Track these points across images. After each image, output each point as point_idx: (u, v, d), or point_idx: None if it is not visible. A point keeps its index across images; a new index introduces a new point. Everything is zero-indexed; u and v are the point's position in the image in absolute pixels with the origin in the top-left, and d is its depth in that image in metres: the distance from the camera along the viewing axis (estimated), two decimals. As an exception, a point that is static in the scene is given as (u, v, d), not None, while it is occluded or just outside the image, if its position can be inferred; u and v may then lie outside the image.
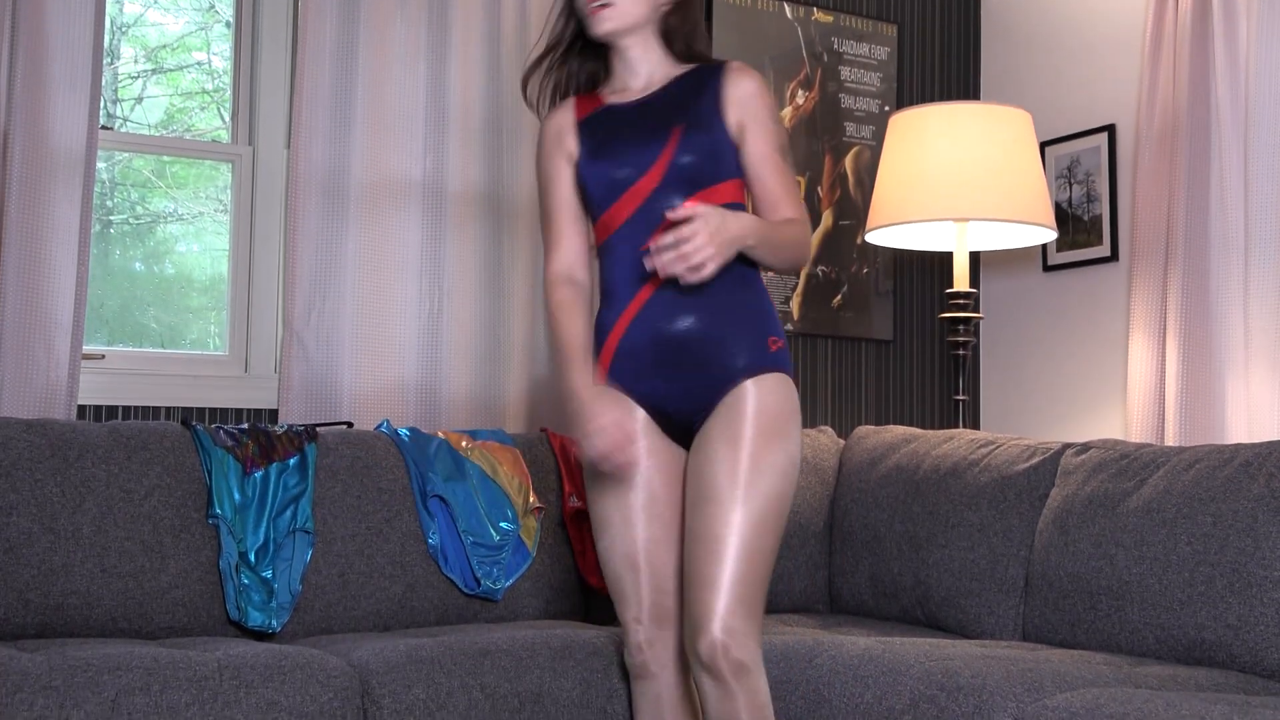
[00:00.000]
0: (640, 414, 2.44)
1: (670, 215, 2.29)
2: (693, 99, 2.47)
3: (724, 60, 2.54)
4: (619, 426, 2.34)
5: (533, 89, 2.60)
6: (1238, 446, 2.87)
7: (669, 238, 2.26)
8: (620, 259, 2.44)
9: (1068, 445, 3.23)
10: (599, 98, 2.55)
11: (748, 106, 2.46)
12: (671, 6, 2.51)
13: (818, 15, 4.33)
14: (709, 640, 2.26)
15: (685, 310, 2.38)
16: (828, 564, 3.58)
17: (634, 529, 2.42)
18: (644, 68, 2.53)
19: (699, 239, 2.25)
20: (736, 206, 2.43)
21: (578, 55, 2.58)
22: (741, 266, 2.40)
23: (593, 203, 2.50)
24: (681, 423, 2.44)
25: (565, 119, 2.54)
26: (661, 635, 2.45)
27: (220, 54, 3.75)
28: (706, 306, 2.38)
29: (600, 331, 2.48)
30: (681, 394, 2.40)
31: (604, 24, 2.45)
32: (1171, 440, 3.69)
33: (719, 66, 2.51)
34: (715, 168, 2.43)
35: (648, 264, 2.30)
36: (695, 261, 2.25)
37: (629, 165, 2.44)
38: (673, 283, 2.34)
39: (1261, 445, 2.83)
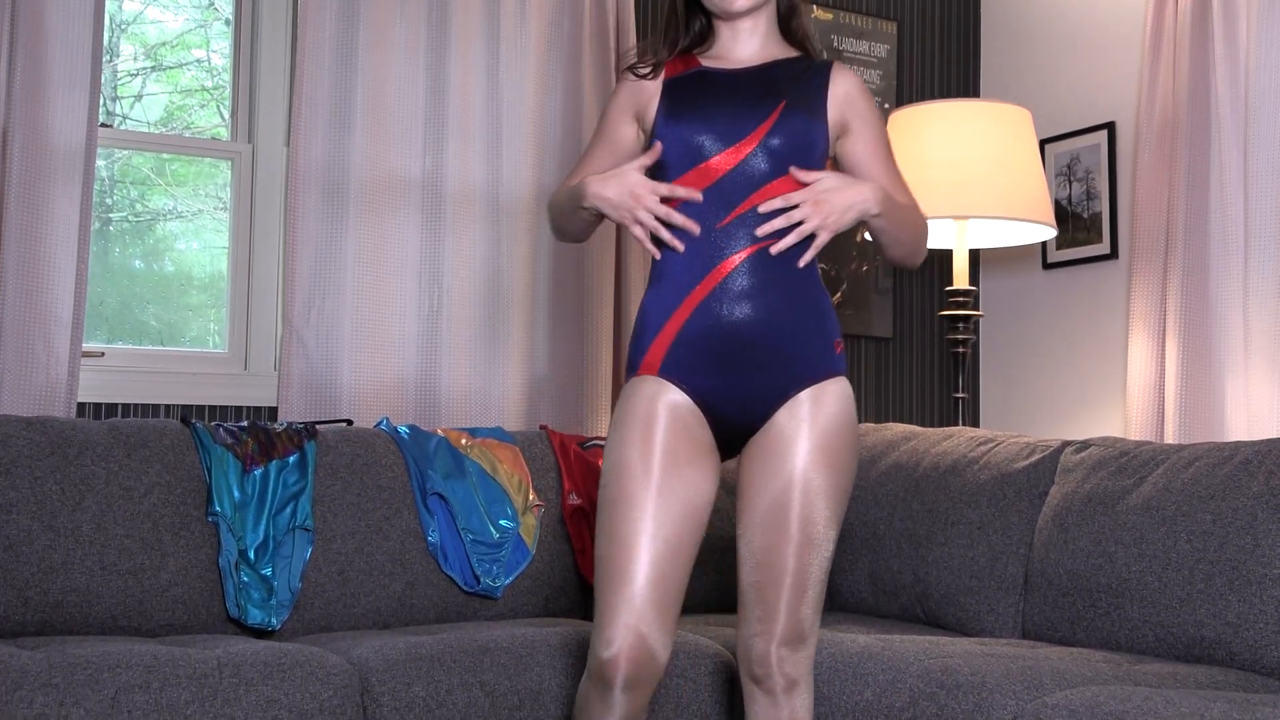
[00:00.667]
0: (674, 404, 2.24)
1: (795, 173, 2.23)
2: (799, 82, 2.35)
3: (829, 59, 2.46)
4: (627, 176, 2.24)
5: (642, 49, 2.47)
6: (1237, 444, 2.87)
7: (778, 202, 2.21)
8: (683, 239, 2.26)
9: (1067, 443, 3.23)
10: (693, 59, 2.39)
11: (855, 104, 2.37)
12: None
13: (818, 13, 4.33)
14: (766, 657, 2.24)
15: (752, 304, 2.23)
16: (827, 562, 3.58)
17: (642, 535, 2.17)
18: (754, 41, 2.39)
19: (805, 209, 2.20)
20: None
21: (686, 14, 2.43)
22: (810, 263, 2.30)
23: (664, 166, 2.31)
24: (736, 427, 2.28)
25: (654, 67, 2.39)
26: (645, 650, 2.18)
27: (220, 51, 3.75)
28: (774, 302, 2.24)
29: (654, 316, 2.28)
30: (742, 396, 2.24)
31: (739, 1, 2.33)
32: (1171, 438, 3.69)
33: (826, 62, 2.42)
34: (797, 158, 2.29)
35: (760, 231, 2.22)
36: (804, 230, 2.21)
37: (712, 132, 2.28)
38: (739, 274, 2.23)
39: (1261, 443, 2.83)
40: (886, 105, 4.40)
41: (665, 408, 2.24)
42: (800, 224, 2.22)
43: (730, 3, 2.34)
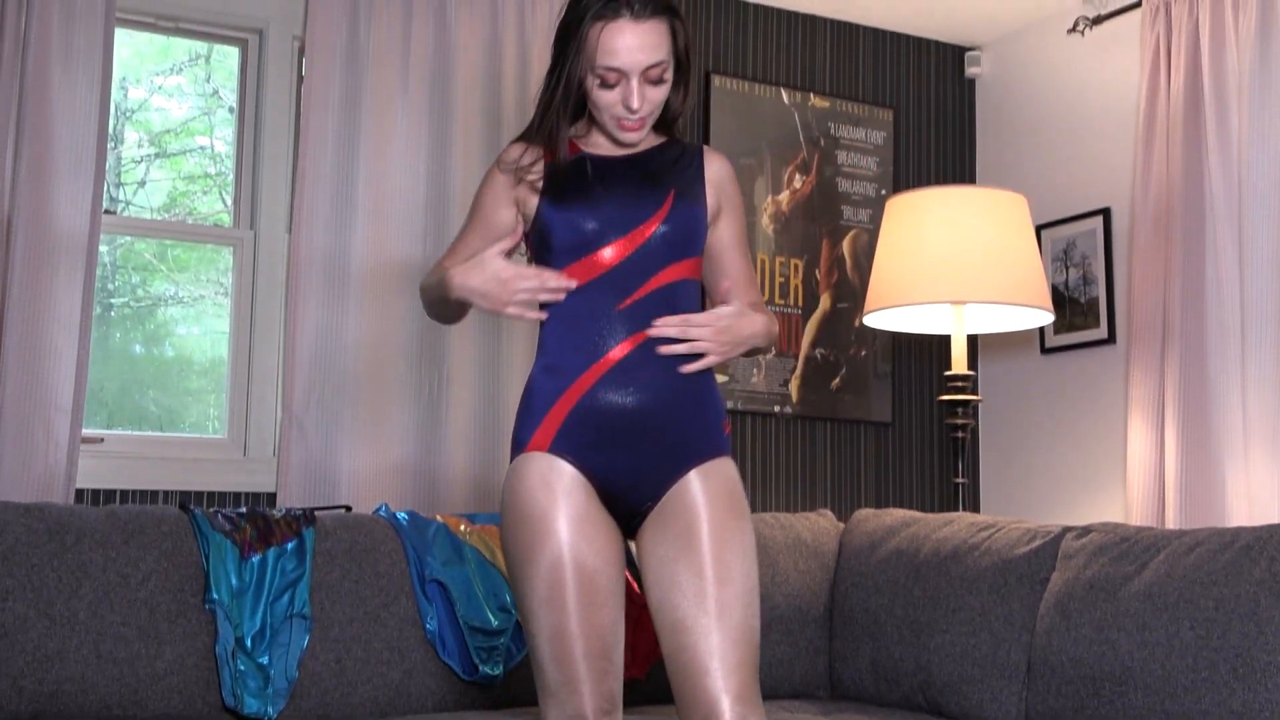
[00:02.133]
0: (569, 475, 2.25)
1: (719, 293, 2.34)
2: (679, 168, 2.41)
3: (698, 143, 2.50)
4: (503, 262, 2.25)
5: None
6: (1238, 530, 2.87)
7: (674, 320, 2.25)
8: (574, 326, 2.29)
9: (1068, 528, 3.22)
10: (573, 144, 2.38)
11: (725, 189, 2.45)
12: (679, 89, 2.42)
13: (814, 100, 4.38)
14: None
15: (644, 387, 2.26)
16: (828, 649, 3.56)
17: (571, 615, 2.20)
18: None
19: (706, 332, 2.26)
20: (690, 285, 2.37)
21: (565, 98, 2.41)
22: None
23: (552, 253, 2.32)
24: (629, 504, 2.29)
25: (532, 154, 2.39)
26: None
27: (223, 138, 3.79)
28: (666, 384, 2.27)
29: (543, 395, 2.29)
30: (632, 472, 2.25)
31: (633, 135, 2.36)
32: (1172, 523, 3.68)
33: (698, 146, 2.47)
34: (687, 243, 2.35)
35: (660, 347, 2.26)
36: (698, 348, 2.25)
37: (601, 220, 2.30)
38: (633, 358, 2.26)
39: (1262, 528, 2.82)
40: (883, 191, 4.44)
41: (561, 481, 2.24)
42: (695, 338, 2.27)
43: (627, 136, 2.36)
